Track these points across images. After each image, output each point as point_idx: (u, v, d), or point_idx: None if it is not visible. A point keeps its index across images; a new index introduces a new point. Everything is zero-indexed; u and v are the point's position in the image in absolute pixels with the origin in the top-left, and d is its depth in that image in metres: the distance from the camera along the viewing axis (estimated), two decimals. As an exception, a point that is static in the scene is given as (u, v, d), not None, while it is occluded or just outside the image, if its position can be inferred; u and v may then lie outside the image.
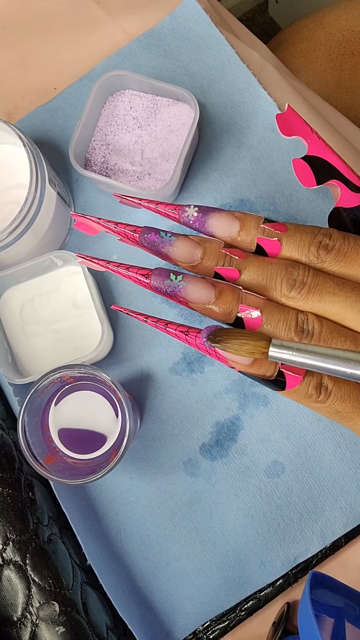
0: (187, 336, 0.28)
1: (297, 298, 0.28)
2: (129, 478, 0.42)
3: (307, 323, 0.28)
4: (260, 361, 0.27)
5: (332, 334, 0.28)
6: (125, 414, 0.35)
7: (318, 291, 0.28)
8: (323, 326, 0.28)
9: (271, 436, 0.41)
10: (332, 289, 0.28)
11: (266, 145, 0.43)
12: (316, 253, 0.29)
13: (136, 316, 0.29)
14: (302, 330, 0.28)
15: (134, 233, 0.29)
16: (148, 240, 0.29)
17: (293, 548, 0.40)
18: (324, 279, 0.28)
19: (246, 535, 0.41)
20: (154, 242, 0.29)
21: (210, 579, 0.41)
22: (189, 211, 0.30)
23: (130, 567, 0.41)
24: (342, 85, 0.66)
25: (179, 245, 0.29)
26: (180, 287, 0.28)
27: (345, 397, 0.28)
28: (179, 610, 0.41)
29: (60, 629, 0.35)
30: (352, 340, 0.28)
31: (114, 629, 0.39)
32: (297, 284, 0.28)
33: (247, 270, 0.29)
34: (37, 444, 0.36)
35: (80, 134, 0.41)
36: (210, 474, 0.41)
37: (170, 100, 0.43)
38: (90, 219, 0.30)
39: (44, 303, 0.42)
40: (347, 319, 0.28)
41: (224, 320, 0.29)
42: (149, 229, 0.29)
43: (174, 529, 0.41)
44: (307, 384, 0.28)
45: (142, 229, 0.29)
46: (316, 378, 0.28)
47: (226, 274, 0.29)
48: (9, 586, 0.36)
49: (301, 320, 0.28)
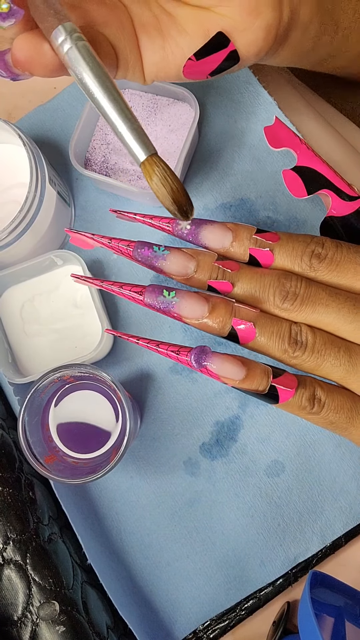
0: (179, 355, 0.28)
1: (290, 309, 0.28)
2: (129, 477, 0.42)
3: (300, 334, 0.28)
4: (252, 376, 0.27)
5: (326, 345, 0.28)
6: (126, 414, 0.35)
7: (311, 303, 0.28)
8: (317, 337, 0.28)
9: (271, 436, 0.41)
10: (324, 300, 0.28)
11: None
12: (309, 262, 0.29)
13: (128, 338, 0.29)
14: (296, 342, 0.28)
15: (128, 247, 0.29)
16: (141, 255, 0.29)
17: (293, 547, 0.40)
18: (317, 289, 0.28)
19: (246, 534, 0.41)
20: (147, 256, 0.29)
21: (210, 578, 0.41)
22: (182, 224, 0.30)
23: (131, 567, 0.41)
24: None
25: (172, 259, 0.29)
26: (174, 303, 0.28)
27: (339, 408, 0.28)
28: (179, 610, 0.41)
29: (60, 628, 0.35)
30: (346, 350, 0.28)
31: (114, 628, 0.39)
32: (289, 295, 0.28)
33: (240, 283, 0.29)
34: (37, 444, 0.36)
35: (80, 133, 0.41)
36: (211, 474, 0.41)
37: (170, 100, 0.43)
38: (84, 235, 0.30)
39: (44, 302, 0.42)
40: (340, 329, 0.28)
41: (218, 334, 0.29)
42: (142, 243, 0.29)
43: (174, 529, 0.41)
44: (300, 396, 0.28)
45: (135, 243, 0.30)
46: (309, 390, 0.28)
47: (219, 287, 0.29)
48: (9, 585, 0.36)
49: (294, 332, 0.28)
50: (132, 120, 0.26)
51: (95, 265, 0.44)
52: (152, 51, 0.29)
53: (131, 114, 0.26)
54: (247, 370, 0.27)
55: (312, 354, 0.28)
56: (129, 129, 0.26)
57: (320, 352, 0.28)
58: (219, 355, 0.28)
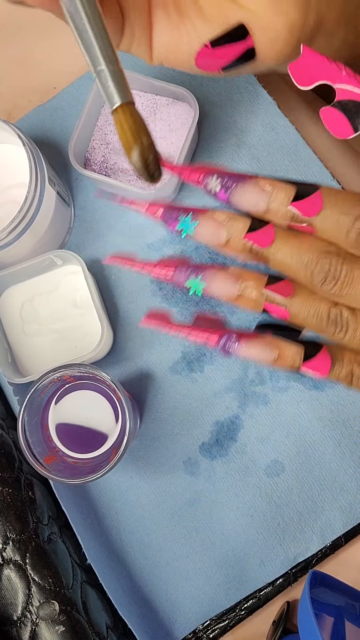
0: (207, 341, 0.28)
1: (329, 292, 0.27)
2: (129, 477, 0.42)
3: (340, 316, 0.27)
4: (283, 358, 0.27)
5: None
6: (125, 414, 0.35)
7: (352, 286, 0.27)
8: (358, 318, 0.27)
9: (271, 435, 0.41)
10: None
11: (266, 144, 0.43)
12: (354, 241, 0.26)
13: (163, 327, 0.28)
14: (335, 324, 0.27)
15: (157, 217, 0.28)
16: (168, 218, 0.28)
17: (293, 547, 0.40)
18: (359, 271, 0.27)
19: (246, 534, 0.41)
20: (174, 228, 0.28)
21: (210, 578, 0.41)
22: (212, 184, 0.27)
23: (130, 566, 0.41)
24: None
25: (201, 229, 0.28)
26: (203, 284, 0.28)
27: None
28: (179, 610, 0.41)
29: (60, 628, 0.35)
30: None
31: (113, 628, 0.39)
32: (329, 278, 0.27)
33: (275, 256, 0.27)
34: (37, 444, 0.36)
35: (80, 133, 0.41)
36: (210, 473, 0.41)
37: (169, 100, 0.43)
38: None
39: (44, 302, 0.42)
40: None
41: (254, 308, 0.28)
42: (170, 209, 0.28)
43: (174, 528, 0.41)
44: (335, 375, 0.27)
45: (163, 210, 0.28)
46: (346, 368, 0.27)
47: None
48: (9, 585, 0.36)
49: (334, 314, 0.27)
50: (114, 63, 0.24)
51: (95, 265, 0.44)
52: (165, 27, 0.27)
53: (115, 57, 0.24)
54: (277, 352, 0.27)
55: (354, 336, 0.27)
56: (109, 72, 0.23)
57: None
58: (246, 340, 0.27)
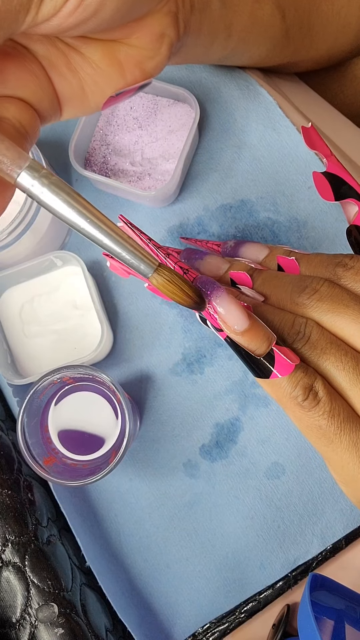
0: (186, 274, 0.28)
1: (306, 304, 0.26)
2: (129, 479, 0.42)
3: (305, 327, 0.26)
4: (254, 332, 0.25)
5: (332, 345, 0.25)
6: (125, 415, 0.35)
7: (330, 300, 0.26)
8: (323, 334, 0.26)
9: (271, 437, 0.41)
10: (346, 300, 0.26)
11: (267, 144, 0.43)
12: (333, 270, 0.27)
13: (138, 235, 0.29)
14: (298, 332, 0.26)
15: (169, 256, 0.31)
16: (185, 256, 0.34)
17: (293, 550, 0.40)
18: (340, 290, 0.26)
19: (246, 537, 0.40)
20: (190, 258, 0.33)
21: (209, 581, 0.40)
22: (229, 243, 0.34)
23: (130, 569, 0.41)
24: None
25: (208, 260, 0.32)
26: None
27: (333, 414, 0.25)
28: (179, 612, 0.40)
29: (59, 630, 0.35)
30: (353, 357, 0.25)
31: (113, 630, 0.39)
32: (307, 289, 0.26)
33: (261, 279, 0.29)
34: (36, 445, 0.36)
35: (80, 134, 0.41)
36: (210, 476, 0.41)
37: (170, 101, 0.43)
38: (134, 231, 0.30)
39: (44, 303, 0.42)
40: (355, 335, 0.26)
41: None
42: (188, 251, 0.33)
43: (174, 531, 0.41)
44: (295, 381, 0.25)
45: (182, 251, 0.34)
46: (309, 378, 0.25)
47: (238, 277, 0.30)
48: (7, 588, 0.36)
49: (298, 323, 0.26)
50: (127, 243, 0.24)
51: (95, 266, 0.44)
52: (70, 95, 0.27)
53: (123, 237, 0.24)
54: (251, 324, 0.25)
55: (313, 349, 0.25)
56: (129, 255, 0.24)
57: (324, 349, 0.25)
58: (229, 294, 0.26)
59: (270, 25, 0.37)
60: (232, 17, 0.34)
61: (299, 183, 0.43)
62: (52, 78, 0.26)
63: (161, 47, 0.28)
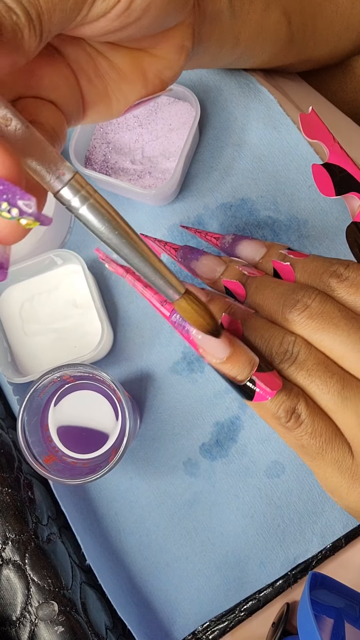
0: (162, 307, 0.28)
1: (296, 321, 0.26)
2: (129, 478, 0.42)
3: (293, 345, 0.26)
4: (235, 361, 0.25)
5: (319, 366, 0.25)
6: (125, 414, 0.35)
7: (320, 318, 0.26)
8: (311, 354, 0.26)
9: (271, 436, 0.41)
10: (336, 320, 0.26)
11: (267, 143, 0.43)
12: (327, 281, 0.27)
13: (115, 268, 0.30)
14: (285, 351, 0.26)
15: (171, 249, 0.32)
16: (182, 256, 0.33)
17: (293, 548, 0.40)
18: (332, 307, 0.26)
19: (246, 535, 0.41)
20: (187, 258, 0.33)
21: (209, 579, 0.40)
22: (227, 238, 0.33)
23: (130, 567, 0.41)
24: None
25: (204, 262, 0.31)
26: None
27: (316, 434, 0.25)
28: (178, 611, 0.40)
29: (59, 628, 0.35)
30: (340, 380, 0.25)
31: (113, 628, 0.39)
32: (298, 305, 0.26)
33: (254, 287, 0.28)
34: (36, 444, 0.36)
35: (81, 132, 0.41)
36: (210, 474, 0.41)
37: (171, 99, 0.43)
38: None
39: (44, 302, 0.42)
40: (344, 357, 0.26)
41: None
42: (186, 248, 0.32)
43: (174, 529, 0.41)
44: (278, 404, 0.25)
45: (180, 248, 0.32)
46: (291, 401, 0.25)
47: (231, 287, 0.29)
48: (8, 586, 0.36)
49: (287, 341, 0.26)
50: (160, 267, 0.24)
51: (95, 265, 0.44)
52: (96, 99, 0.28)
53: (157, 260, 0.24)
54: (232, 352, 0.25)
55: (300, 370, 0.26)
56: (160, 278, 0.24)
57: (310, 371, 0.25)
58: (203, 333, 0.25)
59: (276, 31, 0.38)
60: (241, 27, 0.34)
61: (299, 182, 0.42)
62: (80, 82, 0.26)
63: (180, 57, 0.28)
